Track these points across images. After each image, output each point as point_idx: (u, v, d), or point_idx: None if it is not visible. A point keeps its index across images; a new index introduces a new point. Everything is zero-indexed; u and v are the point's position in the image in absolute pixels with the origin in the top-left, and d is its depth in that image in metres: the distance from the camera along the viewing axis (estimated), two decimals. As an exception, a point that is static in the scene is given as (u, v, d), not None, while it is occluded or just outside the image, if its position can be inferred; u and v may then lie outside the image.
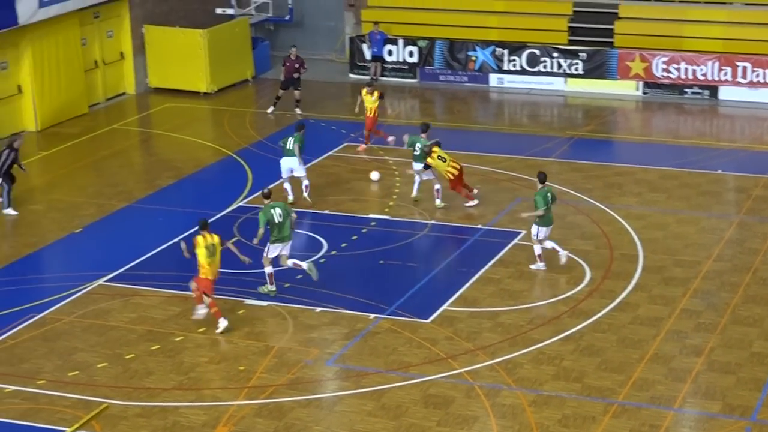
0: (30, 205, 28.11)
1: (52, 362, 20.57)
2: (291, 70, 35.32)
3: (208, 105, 36.47)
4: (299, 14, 41.77)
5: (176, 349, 21.03)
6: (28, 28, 33.32)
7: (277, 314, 22.32)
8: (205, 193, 28.73)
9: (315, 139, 32.42)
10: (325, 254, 24.96)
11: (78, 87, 35.28)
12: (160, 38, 37.59)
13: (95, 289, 23.45)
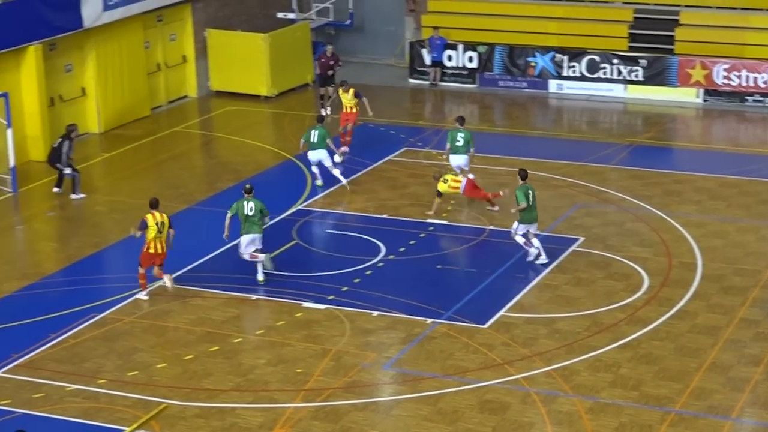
0: (94, 206, 28.35)
1: (112, 362, 20.72)
2: (326, 66, 35.49)
3: (268, 108, 36.61)
4: (360, 19, 41.84)
5: (234, 351, 21.11)
6: (93, 31, 33.61)
7: (335, 317, 22.35)
8: (264, 196, 28.58)
9: (374, 144, 32.49)
10: (383, 258, 24.97)
11: (141, 90, 35.54)
12: (221, 42, 37.79)
13: (155, 290, 23.58)
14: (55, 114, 32.86)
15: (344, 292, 23.35)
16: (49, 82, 32.38)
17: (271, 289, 23.47)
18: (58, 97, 33.24)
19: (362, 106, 31.79)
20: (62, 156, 28.86)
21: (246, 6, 39.57)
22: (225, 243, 25.53)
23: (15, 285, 23.95)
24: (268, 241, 25.82)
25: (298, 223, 26.97)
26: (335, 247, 25.56)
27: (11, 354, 20.89)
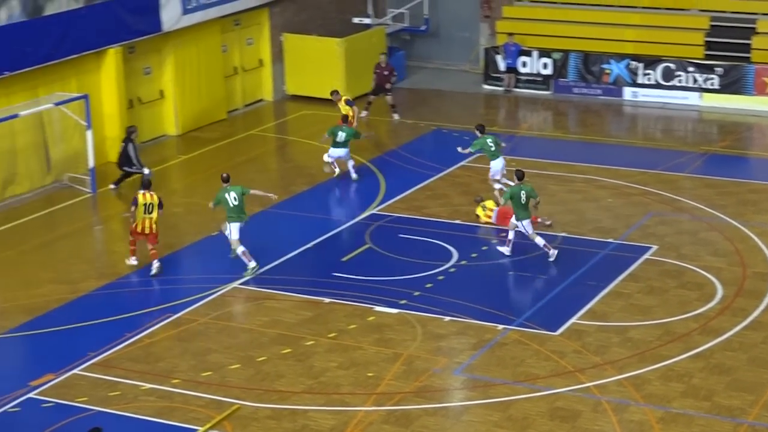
0: (171, 208, 28.56)
1: (186, 362, 20.88)
2: (381, 77, 35.56)
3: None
4: (435, 25, 41.84)
5: (307, 353, 21.19)
6: (172, 35, 33.92)
7: (406, 322, 22.37)
8: (338, 200, 28.96)
9: (447, 149, 32.43)
10: (455, 264, 24.95)
11: (218, 93, 35.80)
12: (298, 46, 37.97)
13: (230, 291, 23.75)
14: (133, 116, 33.19)
15: (416, 296, 23.36)
16: (128, 84, 32.72)
17: (343, 292, 23.53)
18: (136, 100, 33.58)
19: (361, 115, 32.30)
20: (132, 158, 29.21)
21: (322, 11, 39.74)
22: (299, 245, 25.69)
23: (92, 284, 24.23)
24: (342, 245, 25.95)
25: (372, 227, 27.02)
26: (408, 252, 25.56)
27: (88, 352, 21.13)
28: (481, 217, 26.99)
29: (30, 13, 29.46)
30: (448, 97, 38.31)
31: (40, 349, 21.63)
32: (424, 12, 41.49)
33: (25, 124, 29.55)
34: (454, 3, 41.53)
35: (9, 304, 23.32)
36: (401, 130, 34.82)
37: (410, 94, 38.77)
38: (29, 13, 29.44)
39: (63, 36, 30.23)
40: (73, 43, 30.61)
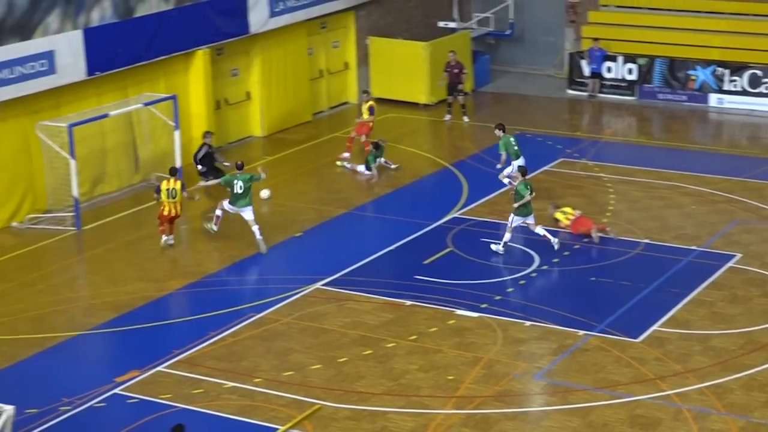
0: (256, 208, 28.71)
1: (268, 361, 21.02)
2: (452, 76, 35.50)
3: (426, 116, 36.72)
4: (520, 29, 41.70)
5: (387, 355, 21.23)
6: (259, 37, 34.16)
7: (487, 326, 22.33)
8: (420, 203, 28.93)
9: (531, 154, 32.29)
10: (536, 269, 24.86)
11: (303, 95, 35.98)
12: (383, 49, 38.04)
13: (312, 292, 23.86)
14: (220, 117, 33.49)
15: (497, 300, 23.31)
16: (215, 85, 33.01)
17: (424, 295, 23.55)
18: (223, 101, 33.85)
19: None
20: (198, 160, 29.74)
21: (408, 15, 39.78)
22: (382, 248, 25.75)
23: (178, 283, 24.48)
24: (424, 248, 25.96)
25: (454, 230, 27.00)
26: (489, 256, 25.51)
27: (172, 350, 21.35)
28: (562, 222, 26.85)
29: (121, 15, 29.84)
30: (532, 102, 38.16)
31: (126, 345, 21.91)
32: (509, 16, 41.38)
33: (115, 123, 29.93)
34: (540, 7, 41.37)
35: (96, 301, 23.64)
36: (484, 133, 34.69)
37: (494, 98, 38.69)
38: (120, 14, 29.82)
39: (153, 37, 30.58)
40: (163, 44, 30.94)
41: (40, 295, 23.98)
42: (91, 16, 29.01)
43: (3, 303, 23.58)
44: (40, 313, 23.14)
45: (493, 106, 37.67)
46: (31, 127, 27.97)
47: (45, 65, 27.91)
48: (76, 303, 23.64)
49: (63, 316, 22.97)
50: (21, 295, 23.94)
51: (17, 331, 22.31)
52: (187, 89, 32.17)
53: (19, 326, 22.54)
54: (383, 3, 38.69)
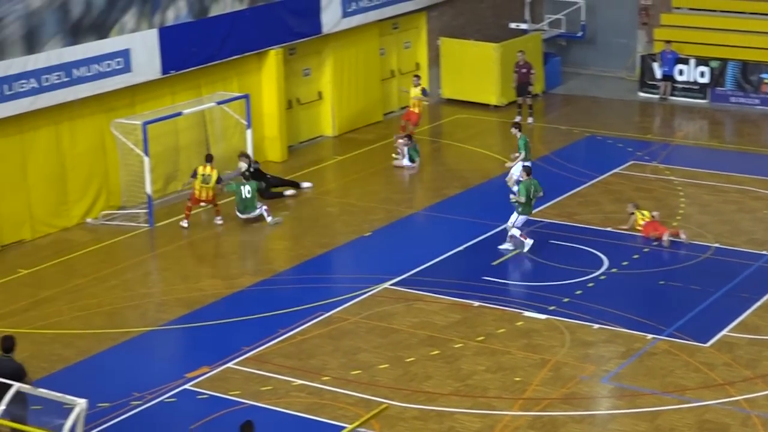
0: (325, 207, 28.93)
1: (336, 360, 21.09)
2: (521, 76, 35.34)
3: (497, 118, 36.64)
4: (592, 31, 41.46)
5: (455, 356, 21.22)
6: (331, 37, 34.26)
7: (555, 328, 22.24)
8: (489, 205, 28.85)
9: (600, 156, 32.24)
10: (605, 271, 24.73)
11: (374, 95, 36.04)
12: (454, 50, 38.00)
13: (381, 292, 23.91)
14: (292, 116, 33.65)
15: (565, 303, 23.22)
16: (287, 85, 33.16)
17: (492, 296, 23.51)
18: (295, 100, 34.00)
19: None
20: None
21: (480, 16, 39.71)
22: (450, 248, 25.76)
23: (249, 280, 24.63)
24: (493, 249, 25.92)
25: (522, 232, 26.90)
26: (558, 258, 25.42)
27: (242, 347, 21.49)
28: (637, 222, 26.60)
29: (196, 14, 30.07)
30: (603, 104, 37.95)
31: (197, 341, 22.09)
32: (581, 18, 41.15)
33: (188, 122, 30.18)
34: (612, 9, 41.11)
35: (169, 297, 23.86)
36: (554, 135, 34.62)
37: (565, 100, 38.52)
38: (195, 13, 30.05)
39: (227, 37, 30.78)
40: (236, 43, 31.15)
41: (114, 290, 24.26)
42: (166, 15, 29.26)
43: (78, 298, 23.88)
44: (113, 308, 23.40)
45: (563, 108, 37.50)
46: (107, 125, 28.28)
47: (121, 64, 28.21)
48: (149, 299, 23.87)
49: (136, 312, 23.22)
50: (95, 290, 24.23)
51: (91, 326, 22.58)
52: (260, 88, 32.36)
53: (93, 321, 22.82)
54: (455, 4, 38.65)
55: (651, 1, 40.14)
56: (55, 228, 27.55)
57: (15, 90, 26.01)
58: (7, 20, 25.71)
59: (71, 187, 27.81)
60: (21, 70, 26.08)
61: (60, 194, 27.63)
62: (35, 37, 26.35)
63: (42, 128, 27.12)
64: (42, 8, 26.36)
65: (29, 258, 26.05)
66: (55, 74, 26.79)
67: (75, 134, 27.80)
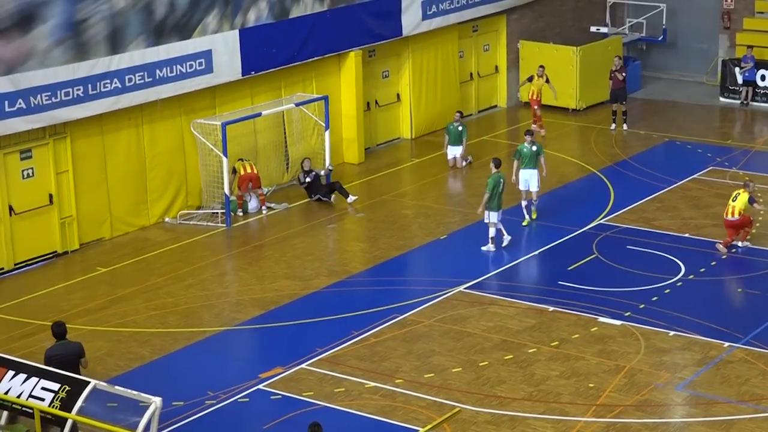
0: (401, 210, 28.86)
1: (410, 363, 21.00)
2: (617, 82, 34.93)
3: (575, 122, 36.36)
4: (673, 35, 40.99)
5: (528, 361, 21.05)
6: (411, 39, 34.19)
7: (630, 334, 21.98)
8: (566, 209, 28.62)
9: (679, 162, 31.85)
10: (682, 278, 24.40)
11: (452, 98, 35.92)
12: (534, 53, 37.76)
13: (455, 295, 23.79)
14: (370, 118, 33.64)
15: (641, 309, 22.94)
16: (366, 87, 33.15)
17: (568, 301, 23.30)
18: (374, 102, 33.98)
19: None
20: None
21: (560, 19, 39.44)
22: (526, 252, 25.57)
23: (324, 282, 24.64)
24: (569, 254, 25.70)
25: (599, 237, 26.67)
26: (634, 264, 25.13)
27: (316, 348, 21.48)
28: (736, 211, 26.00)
29: (277, 15, 30.13)
30: (683, 109, 37.49)
31: (271, 342, 22.12)
32: (662, 22, 40.68)
33: (267, 123, 30.28)
34: (694, 14, 40.61)
35: (244, 297, 23.92)
36: (633, 140, 34.26)
37: (645, 105, 38.13)
38: (276, 15, 30.11)
39: (307, 38, 30.82)
40: (316, 45, 31.18)
41: (190, 289, 24.38)
42: (247, 16, 29.36)
43: (154, 296, 24.03)
44: (189, 307, 23.52)
45: (643, 112, 37.08)
46: (187, 125, 28.45)
47: (202, 64, 28.35)
48: (225, 299, 23.95)
49: (211, 311, 23.31)
50: (172, 289, 24.37)
51: (167, 325, 22.71)
52: (339, 90, 32.38)
53: (170, 319, 22.95)
54: (535, 7, 38.42)
55: (734, 5, 39.57)
56: (134, 227, 27.77)
57: (98, 90, 26.24)
58: (92, 20, 25.93)
59: (150, 186, 28.01)
60: (104, 70, 26.31)
61: (139, 193, 27.85)
62: (119, 38, 26.56)
63: (123, 128, 27.34)
64: (126, 9, 26.56)
65: (108, 256, 26.29)
66: (138, 74, 26.99)
67: (155, 134, 28.00)
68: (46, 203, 26.12)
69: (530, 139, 27.77)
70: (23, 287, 24.66)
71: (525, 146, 27.72)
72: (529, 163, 27.58)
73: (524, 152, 27.68)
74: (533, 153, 27.62)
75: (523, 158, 27.61)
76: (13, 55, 24.62)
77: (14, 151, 25.43)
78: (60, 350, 18.00)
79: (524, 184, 27.64)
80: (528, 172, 27.59)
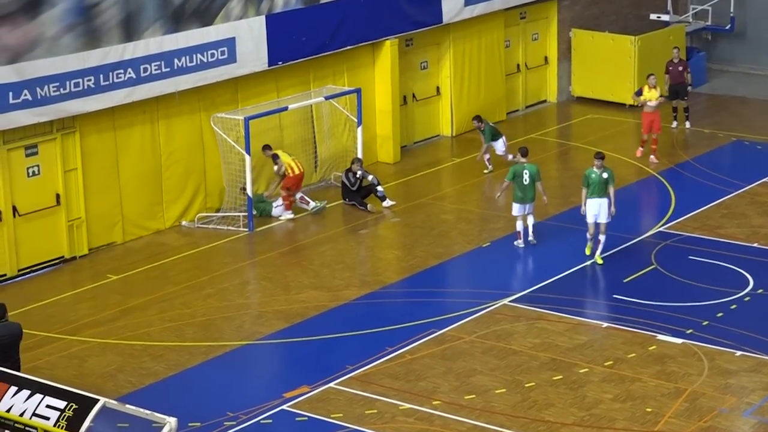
0: (441, 214, 28.86)
1: (449, 383, 20.98)
2: (676, 76, 34.75)
3: (633, 118, 36.26)
4: (741, 24, 40.83)
5: (579, 382, 20.99)
6: (452, 27, 34.20)
7: (692, 354, 21.90)
8: (622, 215, 28.41)
9: (748, 164, 31.73)
10: (750, 292, 24.31)
11: (497, 92, 35.90)
12: (587, 43, 37.71)
13: (499, 308, 23.77)
14: (406, 114, 33.66)
15: (704, 326, 22.86)
16: (403, 79, 33.18)
17: (623, 317, 23.24)
18: (411, 96, 34.00)
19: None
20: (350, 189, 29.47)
21: (616, 5, 39.35)
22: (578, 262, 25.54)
23: (355, 293, 24.66)
24: (625, 264, 25.62)
25: (658, 246, 26.60)
26: (697, 276, 25.06)
27: (346, 365, 21.49)
28: None
29: (307, 0, 30.18)
30: (753, 105, 37.37)
31: (297, 358, 22.16)
32: (729, 9, 40.52)
33: (294, 118, 30.36)
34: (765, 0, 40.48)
35: (267, 309, 23.98)
36: (696, 139, 34.17)
37: (709, 101, 38.02)
38: (306, 0, 30.16)
39: (339, 26, 30.88)
40: (349, 33, 31.22)
41: (209, 299, 24.45)
42: (275, 1, 29.42)
43: (170, 307, 24.12)
44: (207, 319, 23.59)
45: (707, 109, 36.99)
46: (207, 120, 28.55)
47: (225, 53, 28.44)
48: (246, 310, 24.02)
49: (231, 324, 23.37)
50: (188, 299, 24.45)
51: (183, 338, 22.78)
52: (372, 83, 32.42)
53: (186, 332, 23.02)
54: (589, -8, 38.45)
55: (809, -10, 39.47)
56: (148, 231, 27.89)
57: (111, 81, 26.36)
58: (104, 5, 26.05)
59: (166, 186, 28.13)
60: (118, 59, 26.43)
61: (154, 194, 27.97)
62: (134, 24, 26.68)
63: (137, 123, 27.46)
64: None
65: (119, 262, 26.41)
66: (154, 64, 27.10)
67: (172, 129, 28.11)
68: (53, 204, 26.27)
69: (600, 163, 25.83)
70: (27, 295, 24.80)
71: (594, 171, 25.76)
72: (597, 191, 25.70)
73: (592, 178, 25.73)
74: (602, 180, 25.65)
75: (591, 185, 25.69)
76: (19, 42, 24.77)
77: (19, 147, 25.58)
78: (4, 331, 18.63)
79: (592, 217, 25.91)
80: (596, 201, 25.78)
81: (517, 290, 24.49)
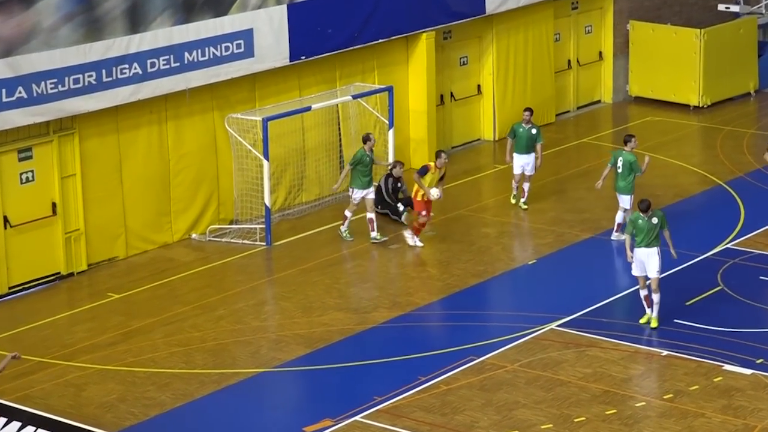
0: (481, 227, 28.86)
1: (488, 417, 20.96)
2: None
3: (698, 122, 36.25)
4: (820, 16, 40.73)
5: (635, 417, 20.95)
6: (495, 19, 34.25)
7: (763, 386, 21.83)
8: (685, 229, 28.45)
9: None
10: (820, 314, 24.35)
11: (545, 91, 35.91)
12: (647, 37, 37.68)
13: (545, 334, 23.76)
14: (443, 115, 33.71)
15: None
16: (440, 77, 33.24)
17: (685, 344, 23.19)
18: (448, 95, 34.05)
19: None
20: (385, 196, 29.38)
21: (680, -5, 39.40)
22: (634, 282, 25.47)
23: (384, 315, 24.68)
24: (688, 285, 25.57)
25: (726, 265, 26.56)
26: (769, 299, 25.08)
27: (374, 396, 21.50)
28: None
29: (333, -12, 30.34)
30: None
31: (318, 388, 22.19)
32: (807, -1, 40.50)
33: (318, 119, 30.41)
34: None
35: (286, 333, 24.02)
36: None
37: (784, 101, 38.02)
38: (332, -13, 30.32)
39: (369, 16, 30.94)
40: (380, 25, 31.31)
41: (221, 322, 24.52)
42: (297, -11, 29.58)
43: (178, 330, 24.19)
44: (219, 343, 23.65)
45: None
46: (220, 121, 28.65)
47: (241, 47, 28.57)
48: (262, 334, 24.08)
49: (246, 349, 23.42)
50: (198, 321, 24.52)
51: (193, 365, 22.84)
52: (406, 80, 32.50)
53: (195, 359, 23.08)
54: (649, -20, 38.44)
55: None
56: (154, 244, 28.02)
57: (114, 77, 26.49)
58: (106, -8, 26.24)
59: (175, 195, 28.26)
60: (122, 52, 26.59)
61: (161, 203, 28.10)
62: (140, 14, 26.82)
63: (143, 124, 27.59)
64: (149, -22, 26.86)
65: (122, 280, 26.52)
66: (162, 58, 27.23)
67: (182, 131, 28.24)
68: (48, 214, 26.42)
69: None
70: (19, 316, 24.92)
71: (641, 217, 23.98)
72: (646, 239, 23.96)
73: (639, 225, 23.91)
74: (652, 226, 23.89)
75: (639, 233, 23.94)
76: (13, 33, 24.92)
77: (11, 150, 25.74)
78: None
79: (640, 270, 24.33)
80: (644, 252, 24.05)
81: (566, 313, 24.47)
